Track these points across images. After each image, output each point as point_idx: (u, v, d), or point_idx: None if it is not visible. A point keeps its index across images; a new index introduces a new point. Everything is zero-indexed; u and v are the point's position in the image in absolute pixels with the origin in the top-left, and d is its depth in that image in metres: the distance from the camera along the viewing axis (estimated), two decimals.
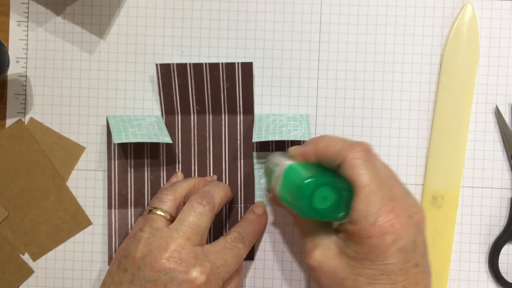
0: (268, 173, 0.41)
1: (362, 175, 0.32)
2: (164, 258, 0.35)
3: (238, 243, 0.39)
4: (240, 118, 0.44)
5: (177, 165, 0.45)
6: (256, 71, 0.45)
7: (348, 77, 0.45)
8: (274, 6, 0.45)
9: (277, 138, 0.41)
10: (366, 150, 0.33)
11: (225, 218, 0.45)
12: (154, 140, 0.42)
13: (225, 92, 0.44)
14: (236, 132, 0.45)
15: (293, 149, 0.38)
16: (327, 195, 0.32)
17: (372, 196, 0.31)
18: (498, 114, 0.44)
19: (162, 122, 0.44)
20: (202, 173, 0.45)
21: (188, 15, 0.45)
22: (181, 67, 0.44)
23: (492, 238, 0.44)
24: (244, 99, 0.44)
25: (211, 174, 0.45)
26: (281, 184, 0.36)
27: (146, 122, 0.44)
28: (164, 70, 0.44)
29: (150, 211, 0.38)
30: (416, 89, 0.44)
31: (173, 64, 0.44)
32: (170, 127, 0.44)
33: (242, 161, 0.45)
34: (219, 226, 0.45)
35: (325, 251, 0.34)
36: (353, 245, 0.32)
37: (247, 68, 0.44)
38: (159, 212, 0.38)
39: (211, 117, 0.44)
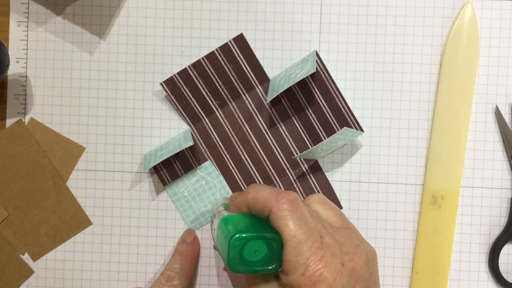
0: (211, 221, 0.40)
1: (288, 226, 0.32)
2: None
3: (173, 281, 0.39)
4: (259, 89, 0.44)
5: (228, 162, 0.45)
6: None
7: (348, 77, 0.45)
8: (274, 6, 0.45)
9: (286, 86, 0.41)
10: (292, 200, 0.33)
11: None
12: (177, 150, 0.42)
13: (234, 74, 0.44)
14: (263, 104, 0.44)
15: (230, 199, 0.37)
16: (258, 248, 0.32)
17: (300, 246, 0.31)
18: (498, 114, 0.44)
19: (188, 131, 0.44)
20: (253, 155, 0.45)
21: (188, 15, 0.45)
22: (183, 73, 0.44)
23: (492, 238, 0.44)
24: (254, 70, 0.44)
25: (261, 154, 0.44)
26: (217, 237, 0.36)
27: (174, 140, 0.44)
28: (170, 84, 0.44)
29: None
30: (416, 89, 0.44)
31: (174, 75, 0.44)
32: (203, 133, 0.45)
33: (283, 126, 0.44)
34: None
35: None
36: None
37: (240, 41, 0.44)
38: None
39: (233, 103, 0.44)
